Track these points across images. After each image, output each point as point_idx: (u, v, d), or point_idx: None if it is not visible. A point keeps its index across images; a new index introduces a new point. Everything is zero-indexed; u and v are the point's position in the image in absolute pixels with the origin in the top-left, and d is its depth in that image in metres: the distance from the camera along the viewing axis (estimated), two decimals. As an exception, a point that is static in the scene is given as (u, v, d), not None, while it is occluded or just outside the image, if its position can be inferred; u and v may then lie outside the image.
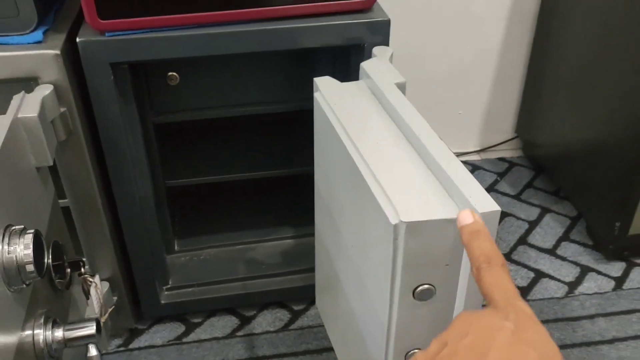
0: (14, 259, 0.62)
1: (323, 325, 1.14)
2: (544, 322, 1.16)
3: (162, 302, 1.11)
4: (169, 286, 1.12)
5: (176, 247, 1.19)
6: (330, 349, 1.09)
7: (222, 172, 1.12)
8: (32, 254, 0.63)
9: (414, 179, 0.64)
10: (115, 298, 1.04)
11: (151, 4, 0.81)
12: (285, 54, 1.05)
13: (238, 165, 1.14)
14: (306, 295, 1.17)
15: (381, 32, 0.90)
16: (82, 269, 0.84)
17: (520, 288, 1.24)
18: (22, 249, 0.63)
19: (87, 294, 0.86)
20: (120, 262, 1.03)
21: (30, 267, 0.63)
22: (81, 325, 0.72)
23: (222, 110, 1.05)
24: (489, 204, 0.57)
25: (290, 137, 1.22)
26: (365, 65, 0.84)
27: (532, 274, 1.28)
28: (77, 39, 0.82)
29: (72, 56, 0.84)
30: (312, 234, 1.20)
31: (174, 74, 0.99)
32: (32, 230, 0.65)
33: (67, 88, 0.83)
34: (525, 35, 1.50)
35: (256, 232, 1.23)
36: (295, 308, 1.18)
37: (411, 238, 0.59)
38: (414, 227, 0.58)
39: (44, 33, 0.83)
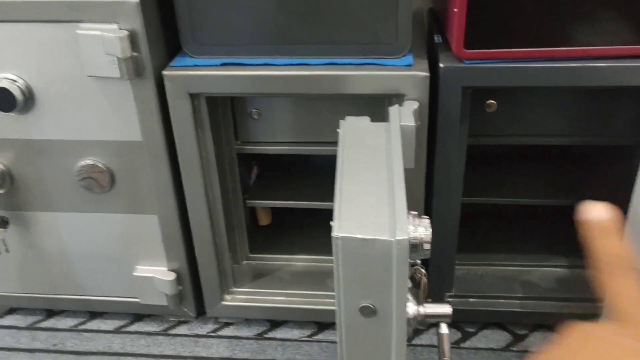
0: (417, 237, 0.76)
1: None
2: None
3: (444, 307, 1.21)
4: (451, 294, 1.23)
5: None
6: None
7: (512, 195, 1.22)
8: (430, 235, 0.76)
9: None
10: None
11: (510, 40, 0.94)
12: (588, 91, 1.12)
13: (525, 191, 1.23)
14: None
15: None
16: (417, 261, 0.97)
17: None
18: (423, 230, 0.77)
19: (417, 284, 0.98)
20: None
21: (427, 246, 0.76)
22: (438, 306, 0.85)
23: (531, 138, 1.15)
24: None
25: (575, 170, 1.29)
26: None
27: None
28: (440, 65, 0.97)
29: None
30: (584, 266, 1.26)
31: (493, 101, 1.11)
32: (427, 216, 0.78)
33: (425, 105, 0.98)
34: None
35: (530, 257, 1.30)
36: (567, 334, 1.22)
37: None
38: None
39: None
